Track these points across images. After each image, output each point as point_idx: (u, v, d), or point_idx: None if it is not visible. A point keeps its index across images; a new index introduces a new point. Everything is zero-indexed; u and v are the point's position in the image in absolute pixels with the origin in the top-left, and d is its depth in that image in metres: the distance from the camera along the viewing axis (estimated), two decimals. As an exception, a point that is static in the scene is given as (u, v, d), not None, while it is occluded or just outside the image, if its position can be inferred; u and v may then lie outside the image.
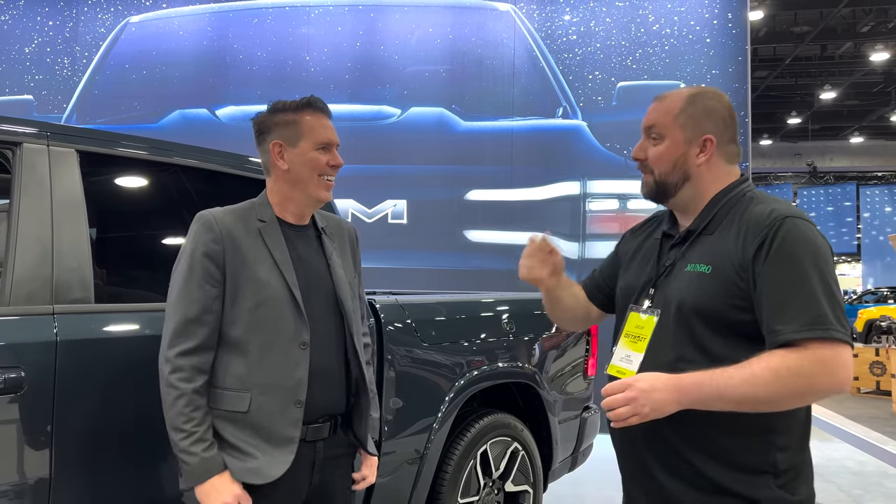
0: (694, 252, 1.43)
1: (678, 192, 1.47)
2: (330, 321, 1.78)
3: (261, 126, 1.78)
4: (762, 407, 1.28)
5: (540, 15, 6.96)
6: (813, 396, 1.31)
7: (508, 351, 3.05)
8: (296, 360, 1.68)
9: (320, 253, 1.83)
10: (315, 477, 1.75)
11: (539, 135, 6.79)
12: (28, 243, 1.80)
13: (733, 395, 1.26)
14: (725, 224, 1.42)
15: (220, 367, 1.68)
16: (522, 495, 3.09)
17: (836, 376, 1.26)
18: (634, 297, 1.52)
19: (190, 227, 1.72)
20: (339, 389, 1.80)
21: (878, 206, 25.65)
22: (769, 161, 25.01)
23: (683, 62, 6.62)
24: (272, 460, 1.64)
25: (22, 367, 1.67)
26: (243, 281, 1.68)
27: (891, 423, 7.35)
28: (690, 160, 1.46)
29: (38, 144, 1.90)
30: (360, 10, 7.21)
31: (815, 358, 1.25)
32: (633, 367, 1.43)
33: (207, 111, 7.13)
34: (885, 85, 19.22)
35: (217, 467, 1.61)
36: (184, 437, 1.60)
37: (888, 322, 10.96)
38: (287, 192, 1.77)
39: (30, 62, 7.47)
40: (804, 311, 1.27)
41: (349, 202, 6.82)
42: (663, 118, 1.47)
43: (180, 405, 1.60)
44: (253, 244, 1.71)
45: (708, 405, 1.29)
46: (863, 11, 15.05)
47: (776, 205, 1.39)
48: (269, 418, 1.66)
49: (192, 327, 1.64)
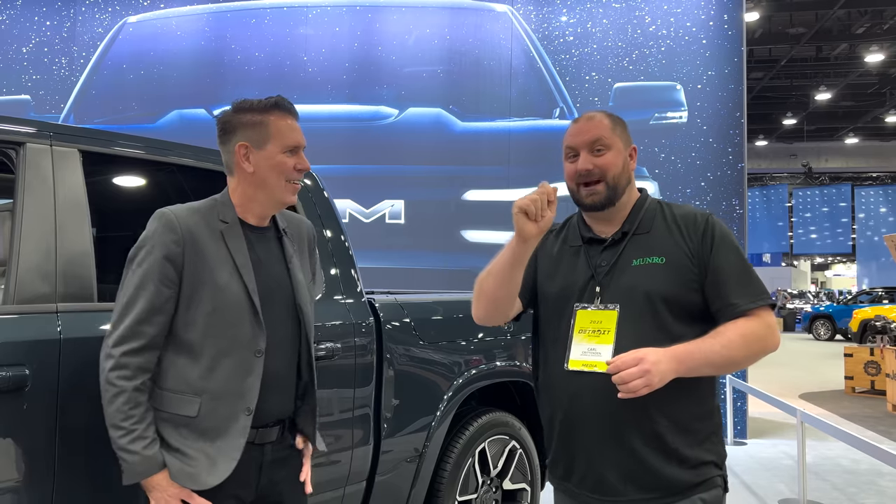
0: (636, 249, 1.61)
1: (622, 196, 1.65)
2: (287, 326, 1.76)
3: (225, 125, 1.72)
4: (734, 368, 1.55)
5: (537, 16, 6.99)
6: (764, 354, 1.56)
7: (506, 350, 3.07)
8: (249, 368, 1.65)
9: (280, 256, 1.79)
10: (262, 479, 1.73)
11: (536, 135, 6.81)
12: (31, 242, 1.81)
13: (717, 360, 1.50)
14: (657, 224, 1.63)
15: (170, 369, 1.64)
16: (520, 493, 3.11)
17: (777, 334, 1.56)
18: (577, 297, 1.63)
19: (149, 223, 1.67)
20: (289, 393, 1.78)
21: (873, 206, 25.74)
22: (764, 162, 25.09)
23: (679, 63, 6.65)
24: (212, 467, 1.61)
25: (26, 365, 1.69)
26: (202, 284, 1.64)
27: (885, 423, 7.40)
28: (629, 166, 1.67)
29: (41, 144, 1.92)
30: (357, 11, 7.22)
31: (764, 322, 1.54)
32: (603, 359, 1.54)
33: (205, 111, 7.13)
34: (880, 86, 19.30)
35: (157, 466, 1.59)
36: (122, 434, 1.56)
37: (883, 322, 11.00)
38: (251, 194, 1.72)
39: (27, 62, 7.46)
40: (749, 286, 1.56)
41: (347, 202, 6.83)
42: (605, 131, 1.63)
43: (119, 402, 1.57)
44: (214, 247, 1.66)
45: (697, 371, 1.50)
46: (858, 13, 15.11)
47: (692, 207, 1.69)
48: (217, 424, 1.63)
49: (141, 328, 1.60)
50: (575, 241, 1.72)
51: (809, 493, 4.66)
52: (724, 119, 6.53)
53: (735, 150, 6.50)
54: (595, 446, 1.59)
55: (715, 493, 1.58)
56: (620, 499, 1.57)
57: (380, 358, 2.54)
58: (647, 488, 1.55)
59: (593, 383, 1.55)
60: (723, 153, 6.51)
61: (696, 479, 1.56)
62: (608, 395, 1.49)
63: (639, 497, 1.56)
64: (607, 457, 1.57)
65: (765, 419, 7.17)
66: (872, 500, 4.67)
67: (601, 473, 1.58)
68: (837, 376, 10.25)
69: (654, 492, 1.55)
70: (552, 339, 1.68)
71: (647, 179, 6.50)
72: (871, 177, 27.78)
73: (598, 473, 1.59)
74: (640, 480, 1.55)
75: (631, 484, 1.56)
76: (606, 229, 1.68)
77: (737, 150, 6.50)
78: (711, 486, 1.57)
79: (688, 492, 1.55)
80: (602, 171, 1.61)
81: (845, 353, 9.47)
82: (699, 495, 1.55)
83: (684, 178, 6.54)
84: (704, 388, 1.60)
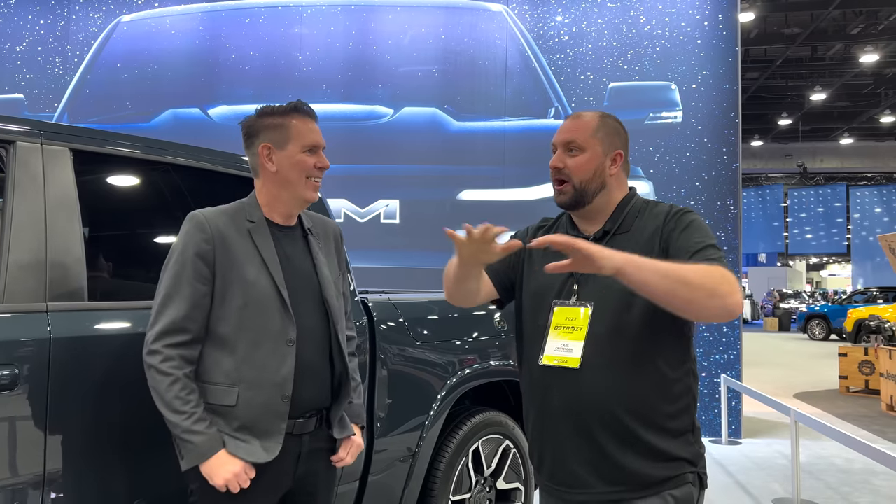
0: (615, 247, 1.59)
1: (594, 199, 1.67)
2: (315, 319, 1.84)
3: (249, 129, 1.83)
4: (681, 288, 1.41)
5: (532, 16, 6.99)
6: (719, 298, 1.42)
7: (500, 349, 3.06)
8: (282, 357, 1.74)
9: (306, 253, 1.89)
10: (300, 468, 1.83)
11: (531, 135, 6.81)
12: (21, 241, 1.80)
13: (667, 270, 1.41)
14: (637, 223, 1.66)
15: (209, 362, 1.73)
16: (514, 492, 3.11)
17: (735, 294, 1.45)
18: (556, 295, 1.66)
19: (182, 226, 1.76)
20: (324, 384, 1.86)
21: (868, 206, 25.83)
22: (760, 162, 25.15)
23: (674, 63, 6.66)
24: (260, 448, 1.71)
25: (16, 364, 1.68)
26: (232, 280, 1.73)
27: (879, 422, 7.42)
28: (606, 171, 1.67)
29: (31, 143, 1.91)
30: (352, 10, 7.21)
31: (723, 274, 1.45)
32: (573, 355, 1.57)
33: (200, 111, 7.12)
34: (875, 86, 19.35)
35: (220, 443, 1.68)
36: (185, 417, 1.65)
37: (877, 322, 11.04)
38: (275, 193, 1.83)
39: (21, 61, 7.44)
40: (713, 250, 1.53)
41: (342, 202, 6.83)
42: (583, 134, 1.66)
43: (176, 389, 1.65)
44: (242, 244, 1.76)
45: (642, 266, 1.41)
46: (853, 13, 15.15)
47: (671, 205, 1.70)
48: (256, 412, 1.72)
49: (181, 324, 1.69)
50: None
51: (803, 493, 4.67)
52: (719, 119, 6.54)
53: (730, 150, 6.51)
54: (564, 440, 1.62)
55: (686, 489, 1.58)
56: (589, 491, 1.60)
57: (373, 357, 2.53)
58: (613, 482, 1.57)
59: (563, 378, 1.59)
60: (718, 153, 6.52)
61: (666, 474, 1.57)
62: (576, 390, 1.56)
63: (606, 490, 1.58)
64: (575, 451, 1.60)
65: (759, 419, 7.19)
66: (866, 499, 4.69)
67: (570, 467, 1.62)
68: (832, 376, 10.28)
69: (620, 485, 1.57)
70: (530, 335, 1.72)
71: (641, 179, 6.50)
72: (866, 177, 27.87)
73: (567, 467, 1.62)
74: (606, 474, 1.58)
75: (598, 477, 1.58)
76: (590, 228, 1.71)
77: (732, 150, 6.51)
78: (682, 483, 1.58)
79: (657, 487, 1.56)
80: (570, 172, 1.65)
81: (840, 352, 9.50)
82: (670, 491, 1.56)
83: (679, 178, 6.55)
84: (678, 387, 1.60)
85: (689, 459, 1.60)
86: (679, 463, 1.58)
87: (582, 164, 1.64)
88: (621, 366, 1.55)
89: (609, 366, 1.56)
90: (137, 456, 1.91)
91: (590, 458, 1.58)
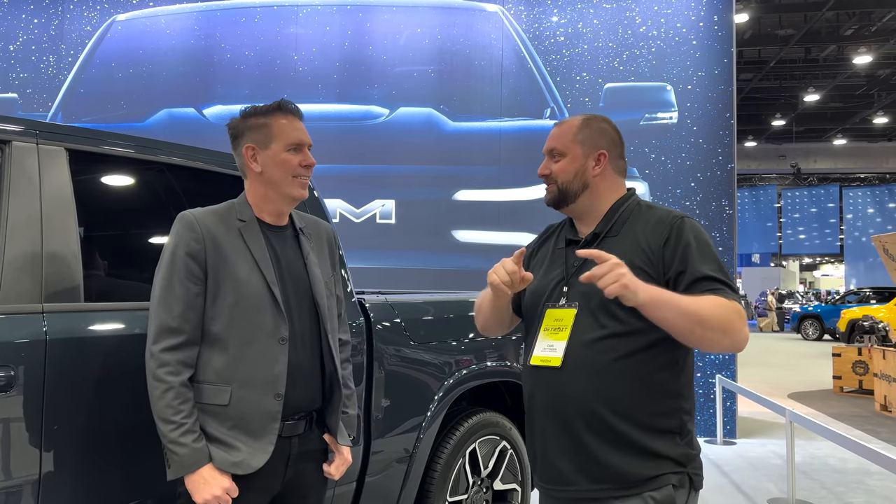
0: (605, 250, 1.62)
1: (578, 199, 1.72)
2: (305, 319, 1.84)
3: (234, 131, 1.83)
4: (698, 328, 1.49)
5: (528, 16, 6.99)
6: (728, 337, 1.52)
7: (497, 350, 3.06)
8: (275, 355, 1.74)
9: (297, 252, 1.88)
10: (289, 471, 1.81)
11: (527, 135, 6.81)
12: (17, 241, 1.79)
13: (686, 309, 1.48)
14: (628, 227, 1.69)
15: (201, 361, 1.73)
16: (511, 493, 3.11)
17: (744, 329, 1.55)
18: (547, 297, 1.72)
19: (172, 226, 1.76)
20: (315, 385, 1.85)
21: (861, 207, 25.96)
22: (754, 162, 25.24)
23: (670, 64, 6.67)
24: (253, 452, 1.69)
25: (11, 365, 1.67)
26: (224, 278, 1.73)
27: (873, 422, 7.45)
28: (588, 171, 1.72)
29: (27, 143, 1.90)
30: (348, 10, 7.20)
31: (737, 310, 1.53)
32: (556, 354, 1.63)
33: (195, 110, 7.10)
34: (868, 88, 19.45)
35: (205, 458, 1.66)
36: (173, 428, 1.63)
37: (871, 322, 11.07)
38: (263, 193, 1.82)
39: (14, 60, 7.40)
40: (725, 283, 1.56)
41: (337, 202, 6.82)
42: (563, 139, 1.74)
43: (169, 398, 1.64)
44: (233, 243, 1.76)
45: (662, 304, 1.49)
46: (846, 15, 15.22)
47: (671, 210, 1.72)
48: (249, 411, 1.71)
49: (176, 324, 1.68)
50: (560, 243, 1.81)
51: (798, 493, 4.69)
52: (714, 120, 6.56)
53: (725, 151, 6.53)
54: (550, 439, 1.66)
55: (666, 491, 1.58)
56: (572, 488, 1.63)
57: (370, 358, 2.53)
58: (595, 479, 1.60)
59: (547, 378, 1.64)
60: (712, 154, 6.54)
61: (648, 473, 1.57)
62: (558, 388, 1.61)
63: (589, 488, 1.61)
64: (560, 448, 1.64)
65: (754, 419, 7.21)
66: (860, 498, 4.70)
67: (556, 465, 1.65)
68: (826, 376, 10.31)
69: (603, 483, 1.59)
70: (528, 338, 1.78)
71: (637, 180, 6.51)
72: (859, 178, 27.99)
73: (553, 465, 1.65)
74: (589, 471, 1.60)
75: (581, 475, 1.61)
76: (585, 230, 1.75)
77: (726, 150, 6.53)
78: (664, 484, 1.58)
79: (638, 487, 1.57)
80: (554, 175, 1.74)
81: (833, 352, 9.53)
82: (650, 493, 1.57)
83: (674, 179, 6.56)
84: (668, 388, 1.62)
85: (675, 459, 1.60)
86: (662, 462, 1.59)
87: (563, 167, 1.72)
88: (602, 364, 1.59)
89: (589, 364, 1.59)
90: (133, 457, 1.90)
91: (573, 455, 1.62)
